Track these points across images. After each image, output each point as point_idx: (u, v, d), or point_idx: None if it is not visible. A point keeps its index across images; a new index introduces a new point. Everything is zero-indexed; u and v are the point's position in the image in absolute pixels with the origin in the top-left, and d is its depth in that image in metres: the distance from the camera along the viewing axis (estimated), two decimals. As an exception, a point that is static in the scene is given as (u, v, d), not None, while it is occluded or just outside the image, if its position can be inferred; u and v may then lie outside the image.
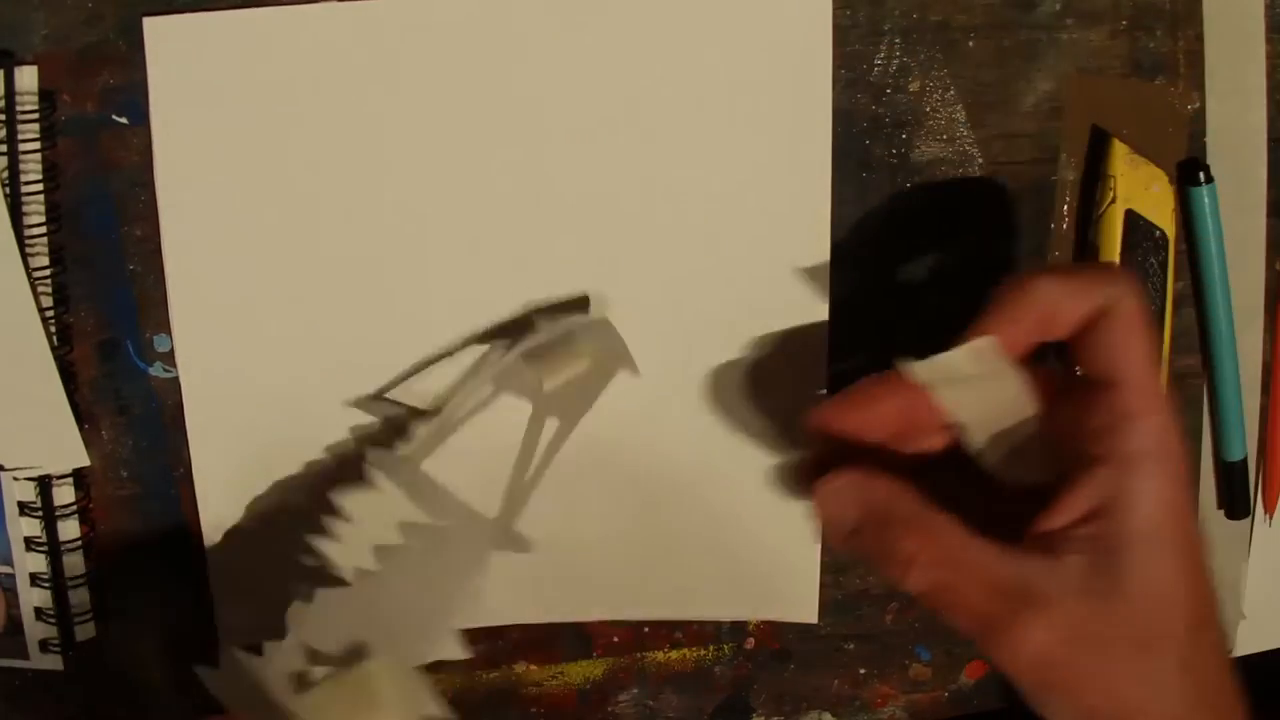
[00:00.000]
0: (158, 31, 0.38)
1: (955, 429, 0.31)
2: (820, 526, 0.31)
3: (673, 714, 0.45)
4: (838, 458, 0.32)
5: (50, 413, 0.39)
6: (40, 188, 0.38)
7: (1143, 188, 0.40)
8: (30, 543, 0.40)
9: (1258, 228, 0.42)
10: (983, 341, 0.30)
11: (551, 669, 0.44)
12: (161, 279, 0.39)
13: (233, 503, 0.41)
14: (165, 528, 0.41)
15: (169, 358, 0.40)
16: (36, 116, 0.38)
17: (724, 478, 0.41)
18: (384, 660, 0.34)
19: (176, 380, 0.40)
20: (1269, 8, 0.41)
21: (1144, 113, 0.41)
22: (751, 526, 0.42)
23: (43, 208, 0.38)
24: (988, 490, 0.31)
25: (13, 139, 0.38)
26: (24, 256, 0.38)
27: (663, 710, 0.45)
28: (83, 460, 0.40)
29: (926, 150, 0.40)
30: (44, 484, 0.40)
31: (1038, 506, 0.29)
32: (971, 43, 0.40)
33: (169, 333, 0.40)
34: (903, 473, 0.31)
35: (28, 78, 0.38)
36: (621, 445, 0.41)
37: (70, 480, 0.40)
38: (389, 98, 0.39)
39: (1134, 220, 0.40)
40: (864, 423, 0.32)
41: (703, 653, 0.44)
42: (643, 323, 0.40)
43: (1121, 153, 0.40)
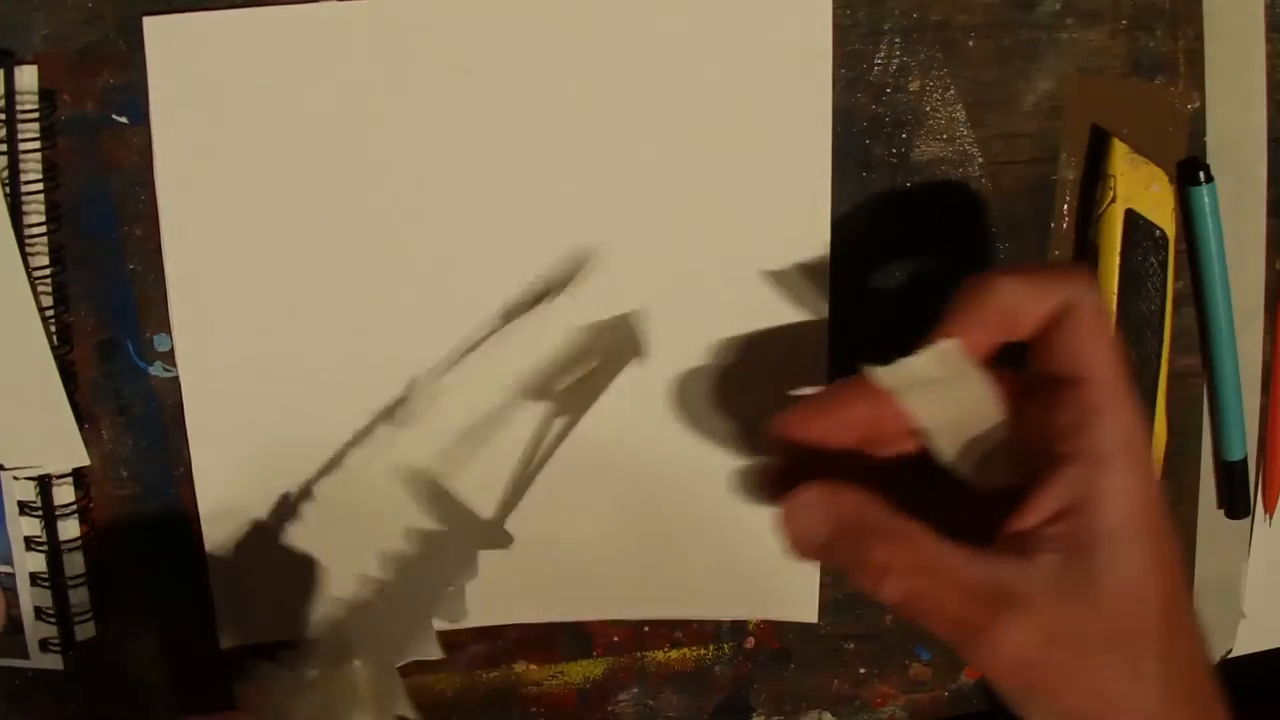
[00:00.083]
0: (158, 31, 0.38)
1: (921, 434, 0.31)
2: (789, 541, 0.30)
3: (673, 714, 0.45)
4: (802, 464, 0.32)
5: (50, 413, 0.39)
6: (40, 188, 0.38)
7: (1143, 187, 0.40)
8: (30, 542, 0.40)
9: (1258, 228, 0.42)
10: (947, 344, 0.30)
11: (551, 669, 0.44)
12: (161, 279, 0.39)
13: (233, 503, 0.41)
14: (165, 528, 0.41)
15: (169, 358, 0.40)
16: (36, 116, 0.38)
17: (724, 477, 0.41)
18: (368, 660, 0.35)
19: (176, 380, 0.40)
20: (1269, 8, 0.41)
21: (1144, 113, 0.41)
22: (751, 526, 0.42)
23: (43, 208, 0.38)
24: (956, 495, 0.31)
25: (13, 139, 0.38)
26: (24, 256, 0.38)
27: (663, 710, 0.45)
28: (83, 460, 0.40)
29: (926, 150, 0.40)
30: (44, 483, 0.40)
31: (1007, 509, 0.29)
32: (971, 42, 0.40)
33: (169, 333, 0.40)
34: (870, 480, 0.31)
35: (28, 77, 0.38)
36: (621, 445, 0.41)
37: (70, 480, 0.40)
38: (389, 97, 0.39)
39: (1134, 220, 0.40)
40: (829, 429, 0.32)
41: (703, 652, 0.44)
42: (643, 322, 0.40)
43: (1121, 152, 0.40)
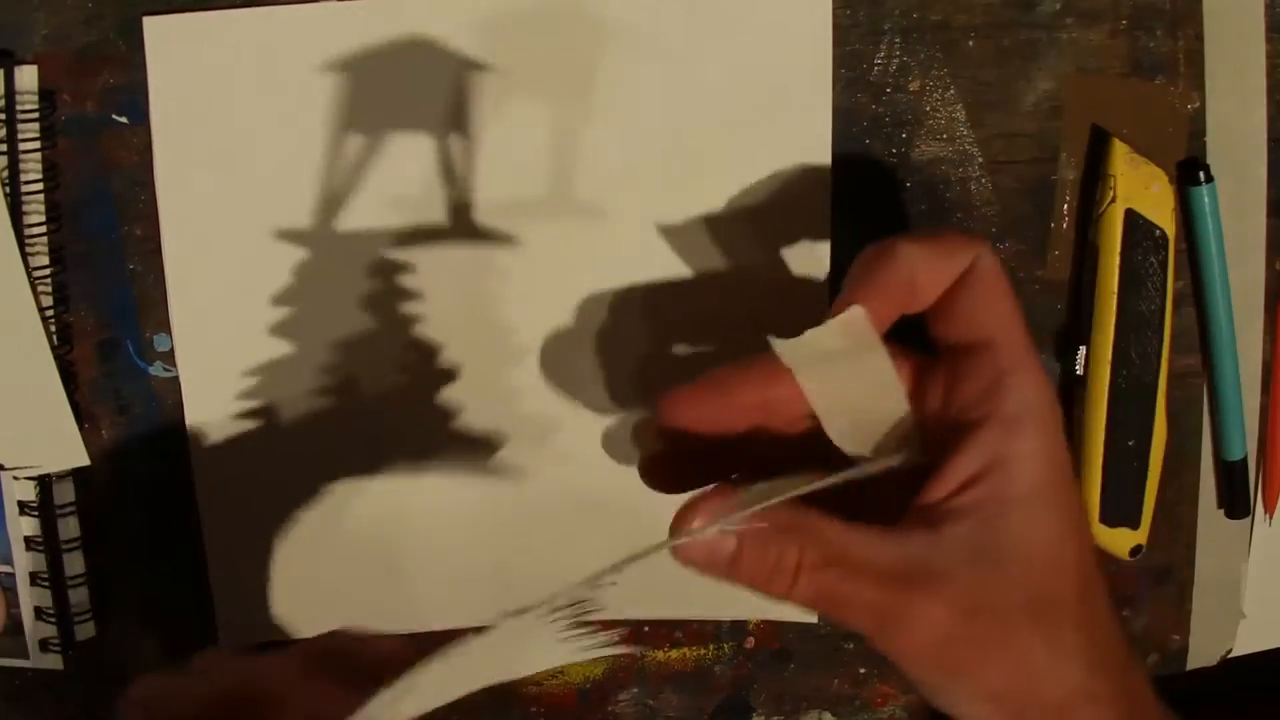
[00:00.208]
0: (158, 31, 0.38)
1: (819, 416, 0.29)
2: (696, 566, 0.27)
3: (673, 714, 0.45)
4: (690, 450, 0.30)
5: (50, 412, 0.39)
6: (40, 188, 0.38)
7: (1143, 187, 0.40)
8: (30, 542, 0.40)
9: (1258, 228, 0.42)
10: (855, 312, 0.28)
11: (551, 669, 0.44)
12: (161, 279, 0.39)
13: (232, 502, 0.41)
14: (165, 528, 0.41)
15: (169, 358, 0.40)
16: (36, 116, 0.38)
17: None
18: None
19: (176, 380, 0.40)
20: (1269, 8, 0.41)
21: (1144, 113, 0.41)
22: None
23: (43, 208, 0.38)
24: (854, 481, 0.29)
25: (13, 139, 0.38)
26: (24, 256, 0.38)
27: (663, 710, 0.45)
28: (83, 460, 0.40)
29: (926, 150, 0.40)
30: (44, 483, 0.40)
31: (909, 490, 0.28)
32: (971, 42, 0.40)
33: (169, 333, 0.40)
34: (759, 468, 0.29)
35: (28, 78, 0.38)
36: (621, 444, 0.41)
37: (70, 480, 0.40)
38: (388, 96, 0.39)
39: (1134, 220, 0.40)
40: (722, 413, 0.30)
41: (703, 652, 0.44)
42: (643, 323, 0.40)
43: (1121, 152, 0.40)
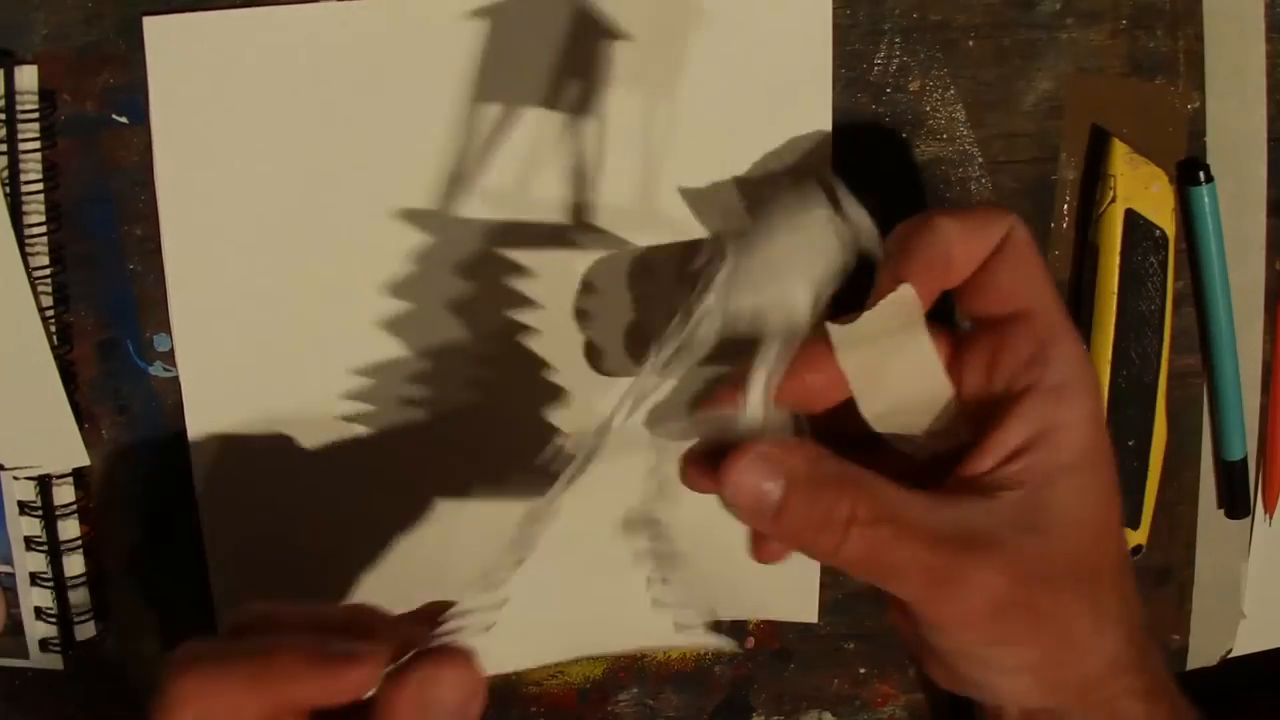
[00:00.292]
0: (158, 31, 0.38)
1: (856, 398, 0.29)
2: (739, 508, 0.27)
3: (673, 714, 0.45)
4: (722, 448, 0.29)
5: (50, 413, 0.39)
6: (40, 188, 0.38)
7: (1143, 187, 0.40)
8: (30, 542, 0.40)
9: (1258, 228, 0.42)
10: (904, 290, 0.28)
11: (551, 669, 0.44)
12: (161, 279, 0.39)
13: (233, 502, 0.41)
14: (165, 528, 0.41)
15: (169, 358, 0.40)
16: (36, 116, 0.38)
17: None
18: None
19: (176, 380, 0.40)
20: (1269, 8, 0.41)
21: (1144, 113, 0.41)
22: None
23: (43, 208, 0.38)
24: (890, 465, 0.29)
25: (13, 139, 0.38)
26: (24, 256, 0.38)
27: (663, 710, 0.45)
28: (83, 460, 0.40)
29: (926, 150, 0.40)
30: (44, 483, 0.40)
31: (944, 464, 0.28)
32: (971, 42, 0.40)
33: (169, 333, 0.40)
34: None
35: (28, 77, 0.38)
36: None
37: (70, 480, 0.40)
38: (389, 96, 0.39)
39: (1134, 220, 0.40)
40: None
41: (703, 652, 0.44)
42: (643, 323, 0.40)
43: (1121, 152, 0.40)
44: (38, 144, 0.38)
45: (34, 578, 0.40)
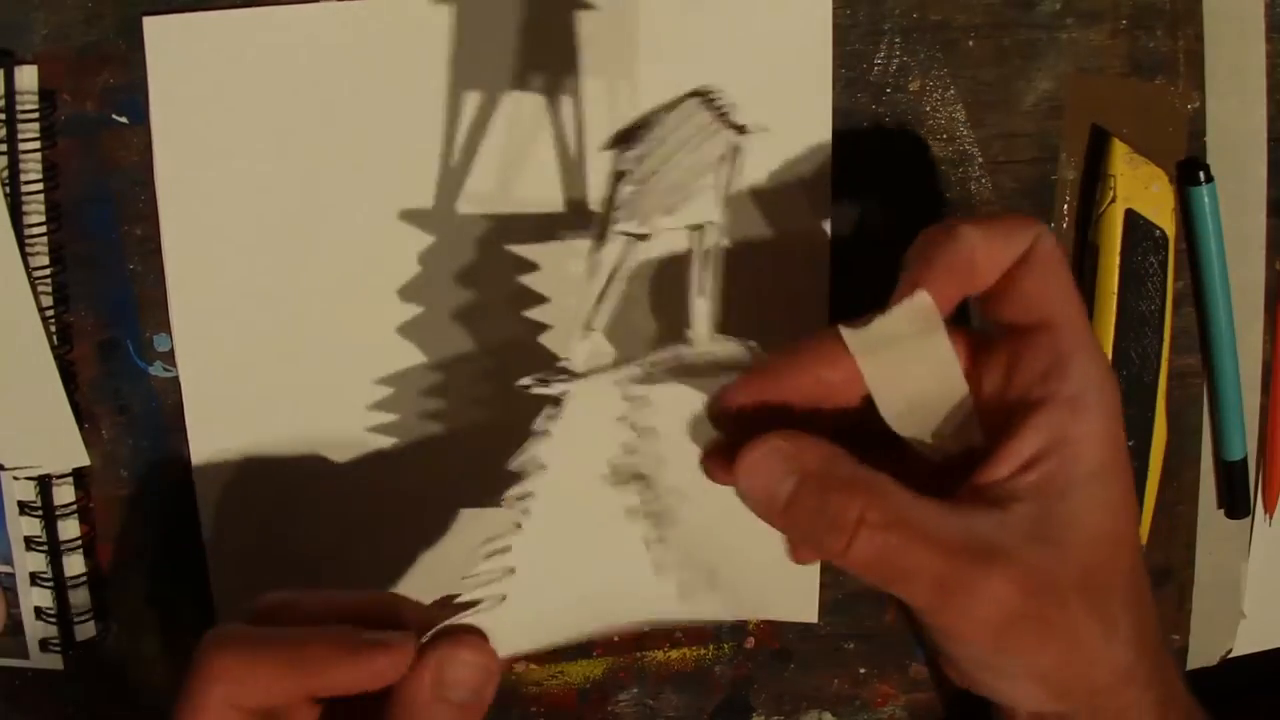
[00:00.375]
0: (158, 31, 0.38)
1: (875, 400, 0.29)
2: (748, 498, 0.28)
3: (673, 714, 0.45)
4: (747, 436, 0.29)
5: (50, 413, 0.39)
6: (40, 188, 0.38)
7: (1143, 187, 0.40)
8: (30, 542, 0.40)
9: (1258, 228, 0.42)
10: (920, 297, 0.28)
11: (551, 669, 0.44)
12: (161, 279, 0.39)
13: (232, 502, 0.41)
14: (165, 528, 0.41)
15: (169, 358, 0.40)
16: (36, 116, 0.38)
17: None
18: None
19: (176, 380, 0.40)
20: (1269, 8, 0.41)
21: (1144, 113, 0.41)
22: (751, 526, 0.42)
23: (43, 208, 0.38)
24: (905, 463, 0.29)
25: (13, 139, 0.38)
26: (24, 256, 0.38)
27: (663, 710, 0.45)
28: (83, 460, 0.40)
29: (927, 150, 0.40)
30: (44, 484, 0.40)
31: (959, 469, 0.28)
32: (971, 42, 0.40)
33: (169, 333, 0.40)
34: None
35: (28, 78, 0.38)
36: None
37: (70, 480, 0.40)
38: (389, 97, 0.39)
39: (1134, 220, 0.40)
40: (780, 397, 0.29)
41: (703, 652, 0.44)
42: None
43: (1121, 152, 0.40)
44: (38, 144, 0.38)
45: (34, 578, 0.40)
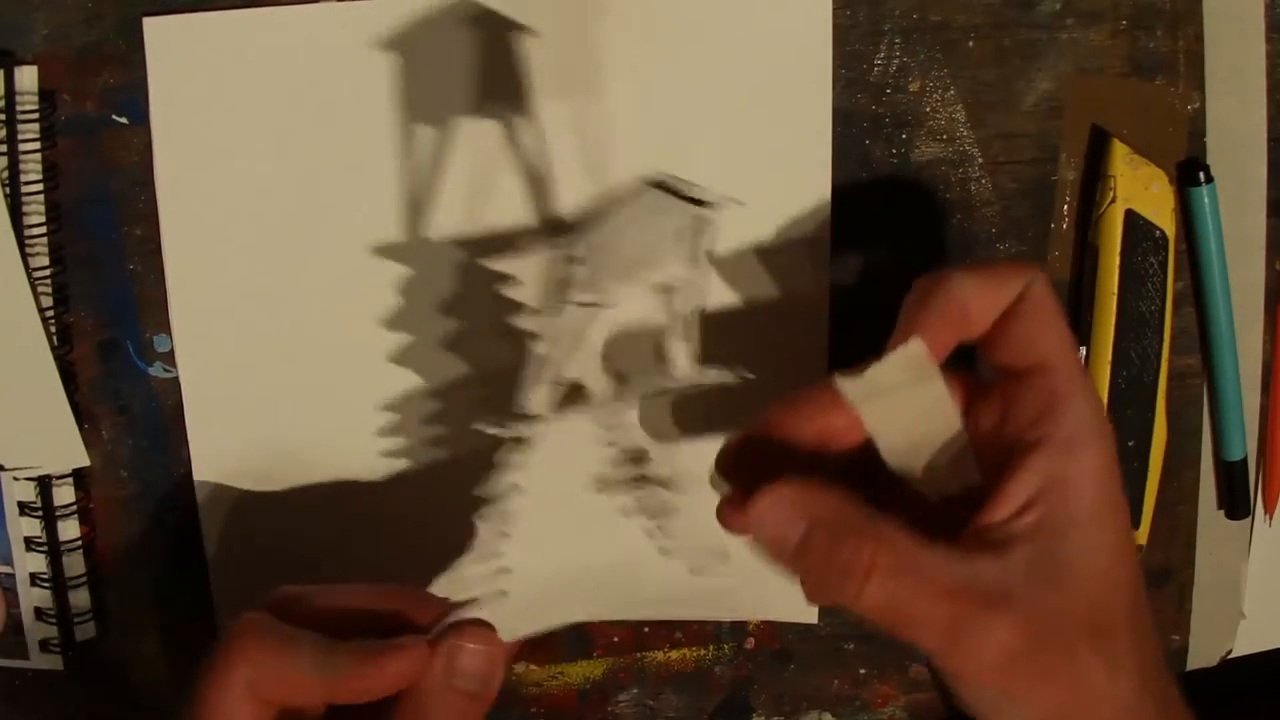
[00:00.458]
0: (158, 31, 0.38)
1: (877, 445, 0.30)
2: (761, 543, 0.29)
3: (673, 714, 0.45)
4: (753, 481, 0.30)
5: (50, 413, 0.39)
6: (40, 188, 0.38)
7: (1143, 188, 0.40)
8: (30, 543, 0.40)
9: (1258, 228, 0.42)
10: (914, 346, 0.29)
11: (551, 669, 0.44)
12: (161, 279, 0.39)
13: (233, 502, 0.41)
14: (165, 528, 0.41)
15: (169, 358, 0.40)
16: (36, 116, 0.38)
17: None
18: None
19: (176, 380, 0.40)
20: (1269, 8, 0.41)
21: (1144, 113, 0.41)
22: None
23: (43, 208, 0.38)
24: (908, 499, 0.30)
25: (13, 139, 0.38)
26: (24, 256, 0.38)
27: (663, 710, 0.45)
28: (83, 460, 0.40)
29: (926, 150, 0.40)
30: (44, 484, 0.40)
31: (963, 511, 0.29)
32: (971, 43, 0.40)
33: (169, 333, 0.40)
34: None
35: (28, 78, 0.38)
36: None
37: (70, 480, 0.40)
38: (389, 97, 0.39)
39: (1134, 220, 0.40)
40: (782, 445, 0.31)
41: (703, 653, 0.44)
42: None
43: (1121, 153, 0.40)
44: (38, 144, 0.38)
45: (34, 578, 0.40)
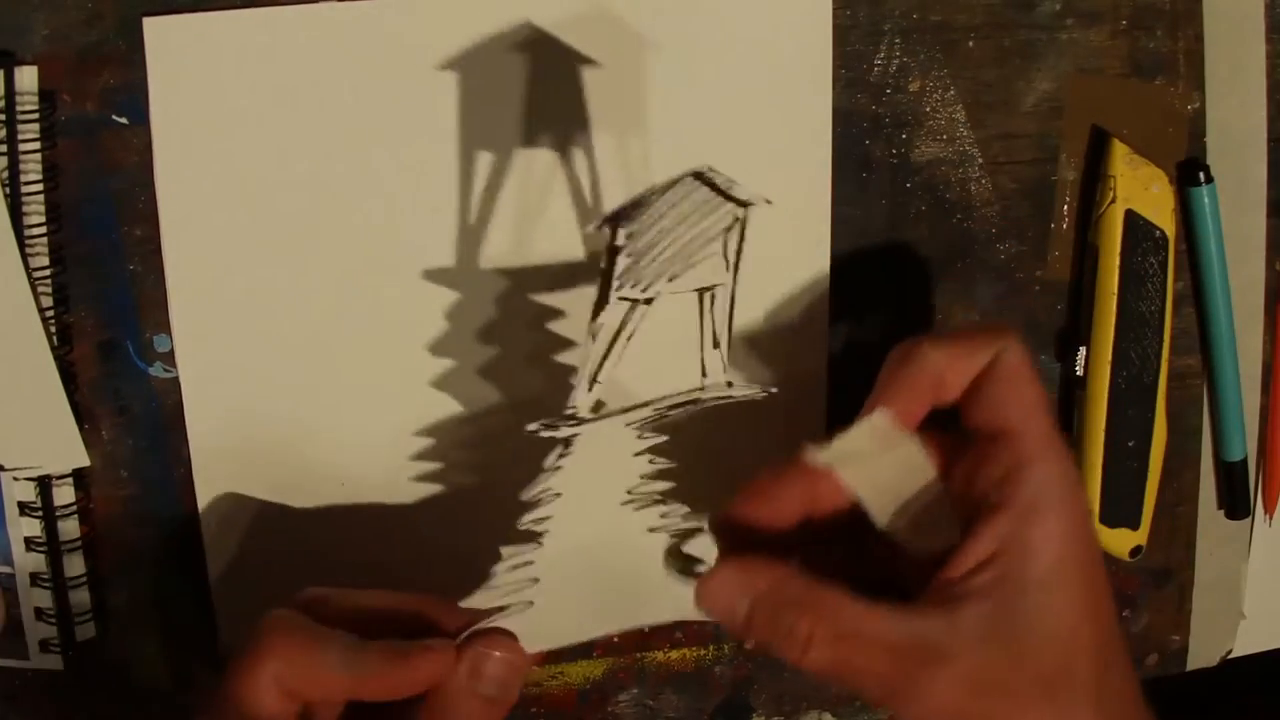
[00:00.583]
0: (158, 31, 0.38)
1: (864, 505, 0.31)
2: (718, 622, 0.31)
3: (673, 714, 0.45)
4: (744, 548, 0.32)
5: (50, 413, 0.39)
6: (40, 188, 0.38)
7: (1143, 188, 0.40)
8: (30, 543, 0.40)
9: (1258, 228, 0.42)
10: (879, 416, 0.31)
11: (551, 669, 0.44)
12: (161, 279, 0.39)
13: (233, 503, 0.41)
14: (165, 528, 0.41)
15: (169, 358, 0.40)
16: (36, 116, 0.38)
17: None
18: None
19: (176, 380, 0.40)
20: (1269, 8, 0.41)
21: (1144, 113, 0.41)
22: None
23: (43, 208, 0.38)
24: (895, 552, 0.31)
25: (13, 139, 0.38)
26: (24, 256, 0.38)
27: (663, 710, 0.45)
28: (83, 460, 0.40)
29: (926, 150, 0.41)
30: (44, 484, 0.40)
31: (937, 560, 0.30)
32: (971, 43, 0.40)
33: (169, 333, 0.40)
34: (811, 545, 0.31)
35: (28, 78, 0.38)
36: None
37: (70, 480, 0.40)
38: (389, 97, 0.39)
39: (1134, 220, 0.40)
40: (770, 514, 0.32)
41: (703, 653, 0.44)
42: (642, 324, 0.40)
43: (1121, 153, 0.40)
44: (38, 144, 0.38)
45: (34, 578, 0.40)
